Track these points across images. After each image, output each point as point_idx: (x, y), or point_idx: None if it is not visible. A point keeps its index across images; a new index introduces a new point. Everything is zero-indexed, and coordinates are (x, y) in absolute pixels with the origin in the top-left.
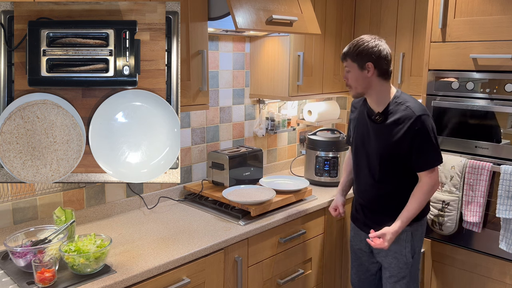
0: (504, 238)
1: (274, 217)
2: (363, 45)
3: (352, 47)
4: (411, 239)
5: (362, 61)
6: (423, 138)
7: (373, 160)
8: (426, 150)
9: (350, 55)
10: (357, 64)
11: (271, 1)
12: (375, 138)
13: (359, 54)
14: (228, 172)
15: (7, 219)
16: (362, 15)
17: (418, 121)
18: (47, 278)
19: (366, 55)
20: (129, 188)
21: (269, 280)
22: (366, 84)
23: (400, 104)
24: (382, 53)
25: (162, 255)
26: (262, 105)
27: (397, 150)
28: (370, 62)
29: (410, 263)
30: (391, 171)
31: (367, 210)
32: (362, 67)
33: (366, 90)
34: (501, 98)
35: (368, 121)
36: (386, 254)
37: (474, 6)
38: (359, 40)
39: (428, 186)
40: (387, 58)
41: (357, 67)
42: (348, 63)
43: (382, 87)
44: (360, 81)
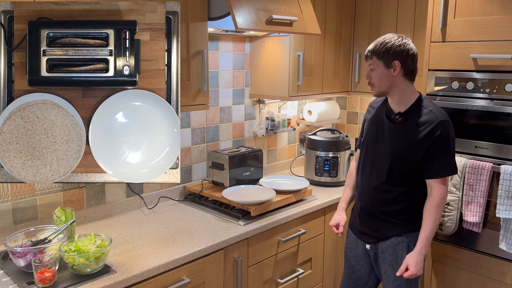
0: (504, 238)
1: (274, 217)
2: (390, 42)
3: (379, 45)
4: (407, 249)
5: (389, 59)
6: (442, 144)
7: (382, 161)
8: (442, 156)
9: (376, 53)
10: (383, 62)
11: (271, 1)
12: (389, 139)
13: (386, 52)
14: (228, 172)
15: (7, 219)
16: (362, 15)
17: (440, 126)
18: (47, 278)
19: (393, 53)
20: (129, 188)
21: (269, 280)
22: (390, 83)
23: (423, 107)
24: (409, 52)
25: (162, 255)
26: (262, 105)
27: (411, 153)
28: (397, 61)
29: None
30: (398, 174)
31: (365, 215)
32: (388, 65)
33: (390, 89)
34: (501, 98)
35: (386, 121)
36: (382, 261)
37: (474, 6)
38: (385, 37)
39: (439, 198)
40: (414, 58)
41: (382, 65)
42: (373, 61)
43: (406, 87)
44: (384, 79)
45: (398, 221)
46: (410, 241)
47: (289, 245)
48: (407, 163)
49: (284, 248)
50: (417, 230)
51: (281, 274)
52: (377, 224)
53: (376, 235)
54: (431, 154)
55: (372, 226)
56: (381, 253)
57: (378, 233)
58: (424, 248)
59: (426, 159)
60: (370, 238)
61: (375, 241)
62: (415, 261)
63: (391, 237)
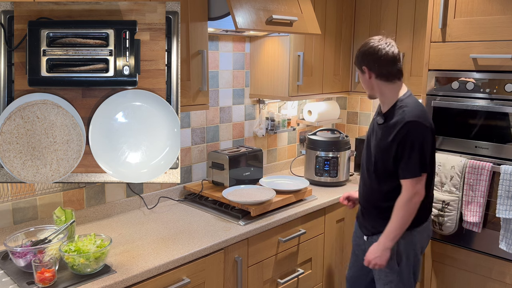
0: (504, 238)
1: (274, 217)
2: (360, 49)
3: (356, 52)
4: (397, 246)
5: (360, 65)
6: (406, 145)
7: (370, 161)
8: (407, 157)
9: (355, 60)
10: (358, 68)
11: (271, 1)
12: (374, 139)
13: (357, 58)
14: (228, 172)
15: (7, 219)
16: (362, 15)
17: (405, 127)
18: (47, 278)
19: (362, 58)
20: (129, 188)
21: (269, 280)
22: (369, 87)
23: (400, 107)
24: (377, 54)
25: (162, 255)
26: (262, 105)
27: (385, 154)
28: (364, 66)
29: (396, 269)
30: (382, 173)
31: (363, 209)
32: (362, 71)
33: (373, 92)
34: (501, 98)
35: (375, 122)
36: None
37: (474, 6)
38: (363, 42)
39: (405, 198)
40: (385, 59)
41: (359, 71)
42: (356, 67)
43: (385, 89)
44: (365, 84)
45: (386, 217)
46: (400, 239)
47: (289, 245)
48: (385, 163)
49: (284, 248)
50: (408, 229)
51: (281, 274)
52: (371, 218)
53: (370, 229)
54: (398, 156)
55: (368, 220)
56: None
57: (371, 227)
58: (385, 240)
59: (396, 160)
60: (366, 231)
61: (370, 234)
62: (372, 250)
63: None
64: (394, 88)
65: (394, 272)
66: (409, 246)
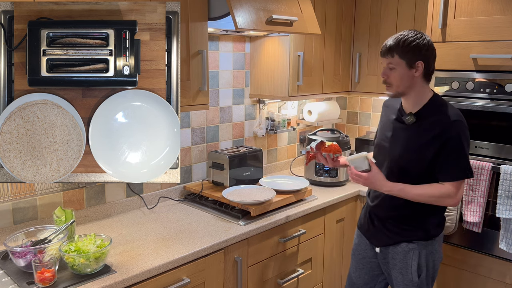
0: (504, 238)
1: (274, 217)
2: (414, 41)
3: (402, 42)
4: (418, 258)
5: (413, 59)
6: (454, 146)
7: (392, 164)
8: (455, 158)
9: (400, 51)
10: (406, 62)
11: (271, 1)
12: (400, 141)
13: (411, 51)
14: (228, 172)
15: (7, 219)
16: (362, 15)
17: (452, 127)
18: (47, 278)
19: (418, 52)
20: (129, 188)
21: (269, 280)
22: (410, 84)
23: (436, 107)
24: (434, 52)
25: (162, 255)
26: (262, 105)
27: (420, 155)
28: (421, 61)
29: (416, 282)
30: (408, 177)
31: (376, 218)
32: (411, 65)
33: (408, 90)
34: (501, 98)
35: (397, 122)
36: (393, 267)
37: (474, 6)
38: (408, 35)
39: (448, 191)
40: (435, 58)
41: (405, 65)
42: (395, 60)
43: (423, 88)
44: (405, 80)
45: (407, 227)
46: (421, 249)
47: (289, 245)
48: (417, 166)
49: (284, 248)
50: (430, 239)
51: (281, 274)
52: (387, 228)
53: (385, 239)
54: (443, 156)
55: (382, 230)
56: (392, 259)
57: (387, 237)
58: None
59: (438, 161)
60: (380, 242)
61: (385, 245)
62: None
63: (401, 243)
64: (428, 88)
65: (413, 285)
66: (430, 257)
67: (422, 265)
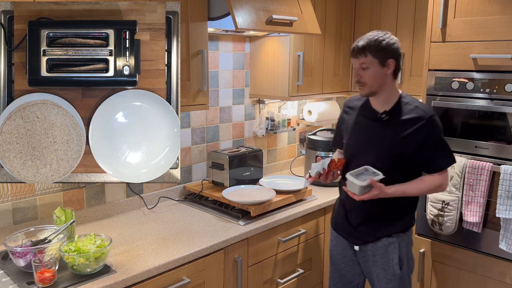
0: (504, 238)
1: (274, 217)
2: (385, 40)
3: (373, 41)
4: (399, 250)
5: (385, 57)
6: (435, 139)
7: (370, 163)
8: (438, 151)
9: (372, 50)
10: (378, 60)
11: (271, 1)
12: (376, 139)
13: (383, 49)
14: (228, 172)
15: (7, 219)
16: (362, 15)
17: (430, 122)
18: (47, 278)
19: (389, 51)
20: (129, 188)
21: (269, 280)
22: (382, 82)
23: (408, 104)
24: (400, 50)
25: (162, 255)
26: (262, 105)
27: (403, 151)
28: (392, 59)
29: (398, 275)
30: (386, 174)
31: (353, 217)
32: (383, 64)
33: (380, 89)
34: (501, 98)
35: (370, 122)
36: (373, 264)
37: (474, 6)
38: (377, 35)
39: (439, 181)
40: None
41: (378, 64)
42: (368, 59)
43: (392, 86)
44: (377, 78)
45: (387, 222)
46: (401, 241)
47: (289, 245)
48: (394, 162)
49: (284, 248)
50: (407, 230)
51: (281, 274)
52: (366, 225)
53: (365, 237)
54: (427, 151)
55: (361, 228)
56: (372, 256)
57: (367, 235)
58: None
59: (422, 156)
60: (358, 240)
61: (364, 243)
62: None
63: (381, 238)
64: (395, 86)
65: (396, 278)
66: (409, 248)
67: (403, 256)
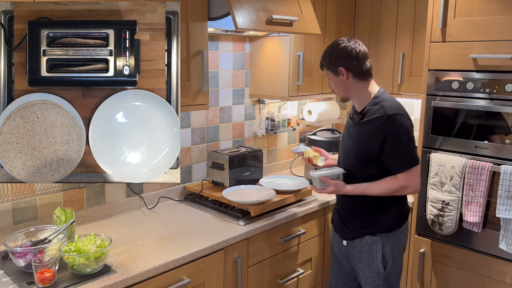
0: (504, 238)
1: (274, 217)
2: (331, 50)
3: (324, 55)
4: (382, 249)
5: (335, 67)
6: (394, 139)
7: (347, 160)
8: (399, 151)
9: (325, 64)
10: (331, 71)
11: (271, 1)
12: (351, 138)
13: (330, 60)
14: (228, 172)
15: (7, 219)
16: (362, 15)
17: (389, 121)
18: (47, 278)
19: (336, 60)
20: (129, 188)
21: (269, 280)
22: (345, 88)
23: (377, 103)
24: (351, 54)
25: (162, 255)
26: (262, 105)
27: (365, 151)
28: (342, 67)
29: (382, 273)
30: (359, 172)
31: (340, 212)
32: (336, 73)
33: (348, 93)
34: (501, 98)
35: (350, 121)
36: (359, 260)
37: (474, 6)
38: (329, 46)
39: (403, 183)
40: (358, 58)
41: (332, 74)
42: (326, 72)
43: (361, 87)
44: (339, 86)
45: (369, 220)
46: (384, 241)
47: (289, 245)
48: (364, 161)
49: (284, 248)
50: (392, 230)
51: (281, 274)
52: (350, 221)
53: (350, 233)
54: (387, 151)
55: (346, 223)
56: (358, 253)
57: (352, 230)
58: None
59: (384, 156)
60: (346, 235)
61: (350, 238)
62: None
63: (365, 236)
64: (369, 86)
65: (380, 276)
66: (395, 248)
67: (387, 256)
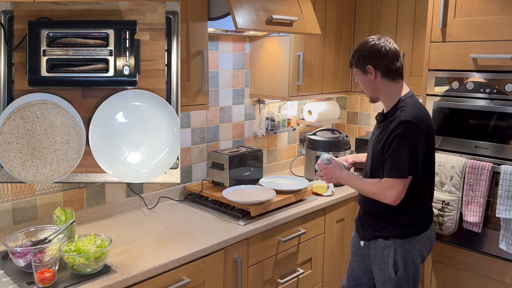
0: (504, 238)
1: (274, 217)
2: (360, 49)
3: (354, 53)
4: (394, 254)
5: (363, 65)
6: (395, 143)
7: (368, 158)
8: (394, 156)
9: (354, 62)
10: (359, 70)
11: (271, 1)
12: (372, 138)
13: (358, 58)
14: (228, 172)
15: (7, 219)
16: (362, 15)
17: (399, 126)
18: (47, 278)
19: (364, 58)
20: (129, 188)
21: (269, 280)
22: (373, 88)
23: (399, 108)
24: (381, 51)
25: (162, 255)
26: (262, 105)
27: (380, 152)
28: (370, 65)
29: (393, 278)
30: (377, 174)
31: (360, 212)
32: (364, 71)
33: (376, 93)
34: (501, 98)
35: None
36: (373, 262)
37: (474, 6)
38: (360, 43)
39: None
40: (387, 56)
41: (361, 73)
42: (355, 71)
43: (388, 88)
44: (367, 85)
45: (382, 223)
46: (397, 247)
47: (289, 245)
48: (379, 161)
49: (284, 248)
50: (405, 237)
51: (281, 274)
52: (367, 222)
53: (366, 234)
54: (387, 152)
55: (364, 224)
56: (372, 254)
57: (367, 232)
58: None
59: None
60: (363, 236)
61: (367, 239)
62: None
63: (378, 238)
64: (397, 88)
65: (391, 281)
66: (407, 255)
67: (399, 262)
